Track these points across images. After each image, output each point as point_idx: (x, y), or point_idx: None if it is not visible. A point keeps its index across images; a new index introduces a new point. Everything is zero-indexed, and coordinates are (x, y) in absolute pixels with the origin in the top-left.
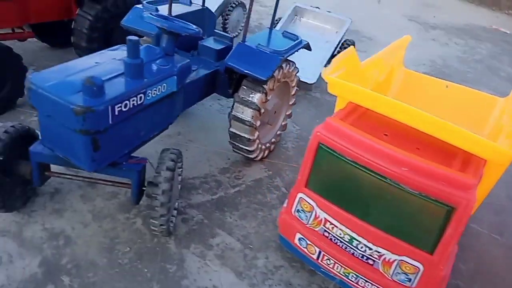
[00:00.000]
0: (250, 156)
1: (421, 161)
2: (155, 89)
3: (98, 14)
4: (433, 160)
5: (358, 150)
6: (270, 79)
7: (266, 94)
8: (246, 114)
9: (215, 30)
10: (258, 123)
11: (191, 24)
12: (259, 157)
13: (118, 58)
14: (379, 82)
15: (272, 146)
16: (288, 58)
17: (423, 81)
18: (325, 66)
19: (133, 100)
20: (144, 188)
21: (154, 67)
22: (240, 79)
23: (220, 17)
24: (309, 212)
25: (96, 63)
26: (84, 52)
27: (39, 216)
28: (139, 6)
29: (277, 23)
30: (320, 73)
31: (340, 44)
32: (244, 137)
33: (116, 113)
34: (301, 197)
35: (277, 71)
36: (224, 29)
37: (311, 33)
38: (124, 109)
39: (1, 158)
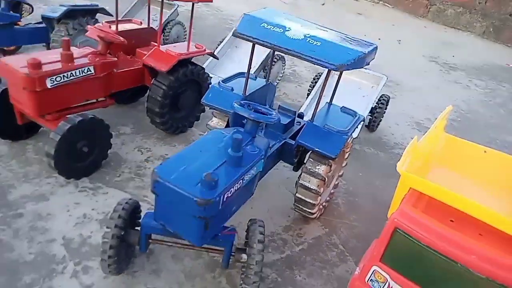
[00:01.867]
0: (310, 216)
1: (487, 250)
2: (249, 173)
3: (170, 84)
4: (496, 246)
5: (431, 236)
6: None
7: (331, 166)
8: (312, 183)
9: (280, 104)
10: (322, 190)
11: (272, 112)
12: (317, 216)
13: (217, 146)
14: (424, 149)
15: (326, 204)
16: None
17: (463, 146)
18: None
19: (236, 186)
20: (233, 254)
21: (247, 154)
22: (305, 151)
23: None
24: (382, 282)
25: (200, 151)
26: (155, 115)
27: (141, 277)
28: (216, 85)
29: (318, 78)
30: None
31: (377, 100)
32: (309, 202)
33: (225, 199)
34: (375, 270)
35: None
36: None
37: (348, 87)
38: (229, 195)
39: (122, 233)
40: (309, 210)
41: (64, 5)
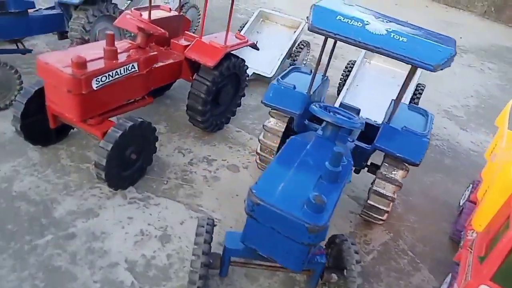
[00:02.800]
0: (378, 222)
1: None
2: (343, 187)
3: (214, 79)
4: None
5: None
6: None
7: (408, 171)
8: (388, 189)
9: (341, 102)
10: (396, 195)
11: (355, 117)
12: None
13: (303, 156)
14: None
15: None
16: None
17: None
18: None
19: (336, 204)
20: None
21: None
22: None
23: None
24: None
25: (289, 165)
26: (197, 113)
27: None
28: (275, 83)
29: (351, 67)
30: None
31: (414, 90)
32: (383, 209)
33: (329, 222)
34: None
35: None
36: None
37: (381, 76)
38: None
39: (211, 261)
40: (380, 217)
41: None
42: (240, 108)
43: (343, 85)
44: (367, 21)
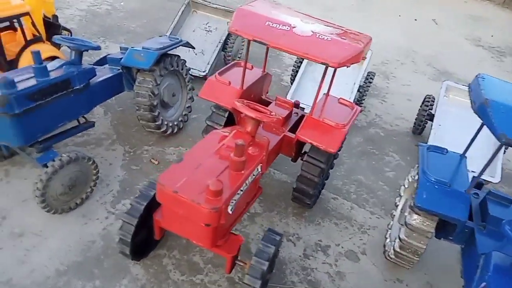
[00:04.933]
0: None
1: None
2: None
3: (327, 159)
4: None
5: None
6: None
7: None
8: None
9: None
10: None
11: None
12: None
13: None
14: None
15: None
16: None
17: None
18: None
19: None
20: None
21: None
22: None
23: None
24: None
25: None
26: (307, 196)
27: None
28: (425, 179)
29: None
30: None
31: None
32: None
33: None
34: None
35: None
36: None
37: (463, 112)
38: None
39: None
40: None
41: (149, 49)
42: None
43: (422, 126)
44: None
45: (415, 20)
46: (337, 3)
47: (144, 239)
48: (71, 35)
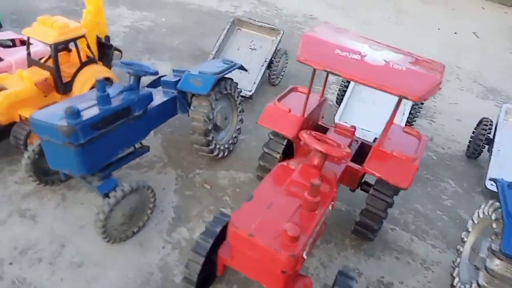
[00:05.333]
0: None
1: None
2: None
3: (395, 193)
4: None
5: None
6: None
7: None
8: None
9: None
10: None
11: None
12: None
13: None
14: None
15: None
16: None
17: None
18: None
19: None
20: None
21: None
22: None
23: None
24: None
25: None
26: (370, 231)
27: None
28: None
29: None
30: None
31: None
32: None
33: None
34: None
35: None
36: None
37: None
38: None
39: None
40: None
41: (206, 73)
42: None
43: (479, 151)
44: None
45: (455, 33)
46: (373, 16)
47: (205, 274)
48: (121, 55)
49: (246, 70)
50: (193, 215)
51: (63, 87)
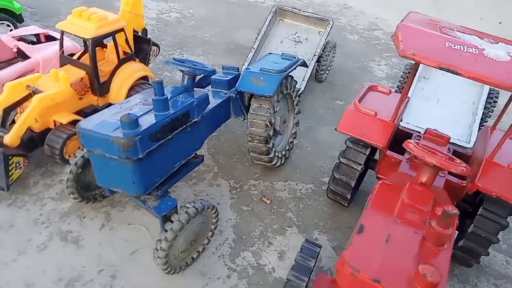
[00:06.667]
0: None
1: None
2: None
3: (506, 213)
4: None
5: None
6: None
7: None
8: None
9: None
10: None
11: None
12: None
13: None
14: None
15: None
16: None
17: None
18: None
19: None
20: None
21: None
22: None
23: None
24: None
25: None
26: (475, 257)
27: None
28: None
29: None
30: None
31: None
32: None
33: None
34: None
35: None
36: None
37: None
38: None
39: None
40: None
41: (269, 71)
42: None
43: None
44: None
45: (500, 23)
46: (411, 5)
47: None
48: (159, 51)
49: (307, 67)
50: (256, 235)
51: (100, 87)
